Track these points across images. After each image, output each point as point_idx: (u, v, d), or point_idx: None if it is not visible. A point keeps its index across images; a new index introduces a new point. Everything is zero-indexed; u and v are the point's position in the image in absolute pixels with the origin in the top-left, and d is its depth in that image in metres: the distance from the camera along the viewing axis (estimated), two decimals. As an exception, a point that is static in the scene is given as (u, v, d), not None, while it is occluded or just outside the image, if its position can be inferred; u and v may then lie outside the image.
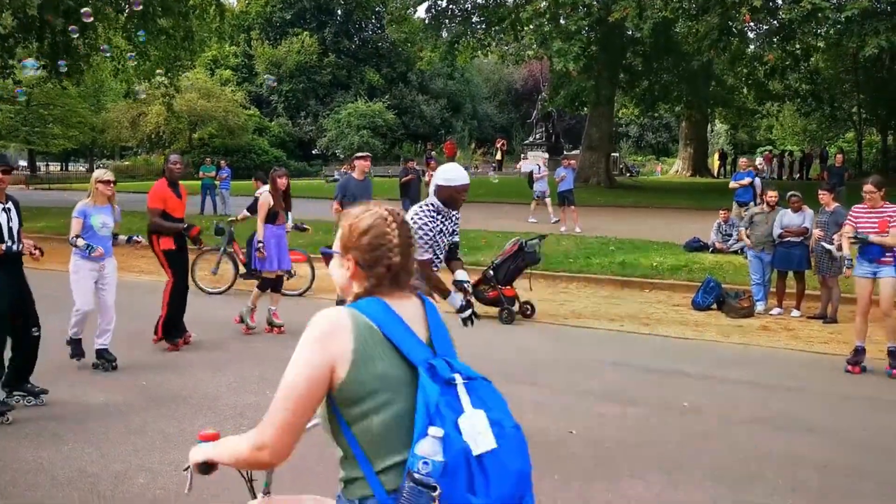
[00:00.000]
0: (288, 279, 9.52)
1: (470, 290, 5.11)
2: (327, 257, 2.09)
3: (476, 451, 1.79)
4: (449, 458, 1.75)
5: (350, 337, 1.88)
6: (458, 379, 1.88)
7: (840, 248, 8.67)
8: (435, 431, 1.76)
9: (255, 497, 2.38)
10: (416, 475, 1.73)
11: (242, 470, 2.24)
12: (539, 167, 19.91)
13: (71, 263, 6.85)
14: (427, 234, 4.69)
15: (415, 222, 4.65)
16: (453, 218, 4.96)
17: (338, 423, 1.91)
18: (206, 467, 2.13)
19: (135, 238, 7.30)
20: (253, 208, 9.29)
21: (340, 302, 9.48)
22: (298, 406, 1.88)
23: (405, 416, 1.85)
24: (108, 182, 6.93)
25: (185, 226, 7.81)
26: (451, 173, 4.79)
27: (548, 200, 19.01)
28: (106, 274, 6.96)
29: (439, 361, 1.90)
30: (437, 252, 4.84)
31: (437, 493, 1.72)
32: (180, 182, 7.95)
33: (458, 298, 4.93)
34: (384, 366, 1.88)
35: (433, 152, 39.28)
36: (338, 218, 9.45)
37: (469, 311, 4.96)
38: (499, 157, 44.65)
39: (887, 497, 4.54)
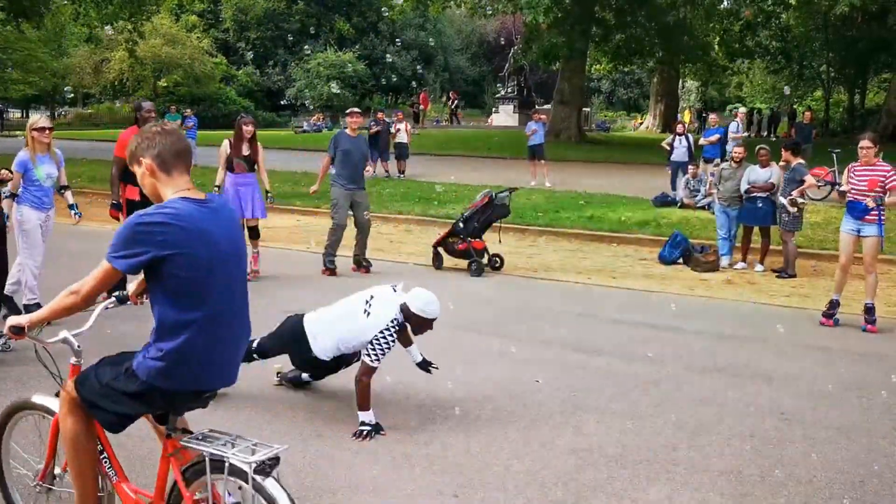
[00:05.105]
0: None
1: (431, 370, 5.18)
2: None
3: None
4: None
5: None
6: None
7: (794, 203, 8.85)
8: None
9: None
10: None
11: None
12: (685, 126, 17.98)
13: (17, 214, 6.52)
14: (386, 352, 4.61)
15: (386, 340, 4.58)
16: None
17: None
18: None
19: (76, 212, 7.00)
20: None
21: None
22: None
23: None
24: (43, 129, 6.58)
25: (117, 202, 7.36)
26: (431, 306, 4.68)
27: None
28: (50, 225, 6.80)
29: None
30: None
31: None
32: None
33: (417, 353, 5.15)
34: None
35: (422, 107, 39.08)
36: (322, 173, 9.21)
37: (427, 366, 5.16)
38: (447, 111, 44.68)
39: (842, 445, 4.69)
